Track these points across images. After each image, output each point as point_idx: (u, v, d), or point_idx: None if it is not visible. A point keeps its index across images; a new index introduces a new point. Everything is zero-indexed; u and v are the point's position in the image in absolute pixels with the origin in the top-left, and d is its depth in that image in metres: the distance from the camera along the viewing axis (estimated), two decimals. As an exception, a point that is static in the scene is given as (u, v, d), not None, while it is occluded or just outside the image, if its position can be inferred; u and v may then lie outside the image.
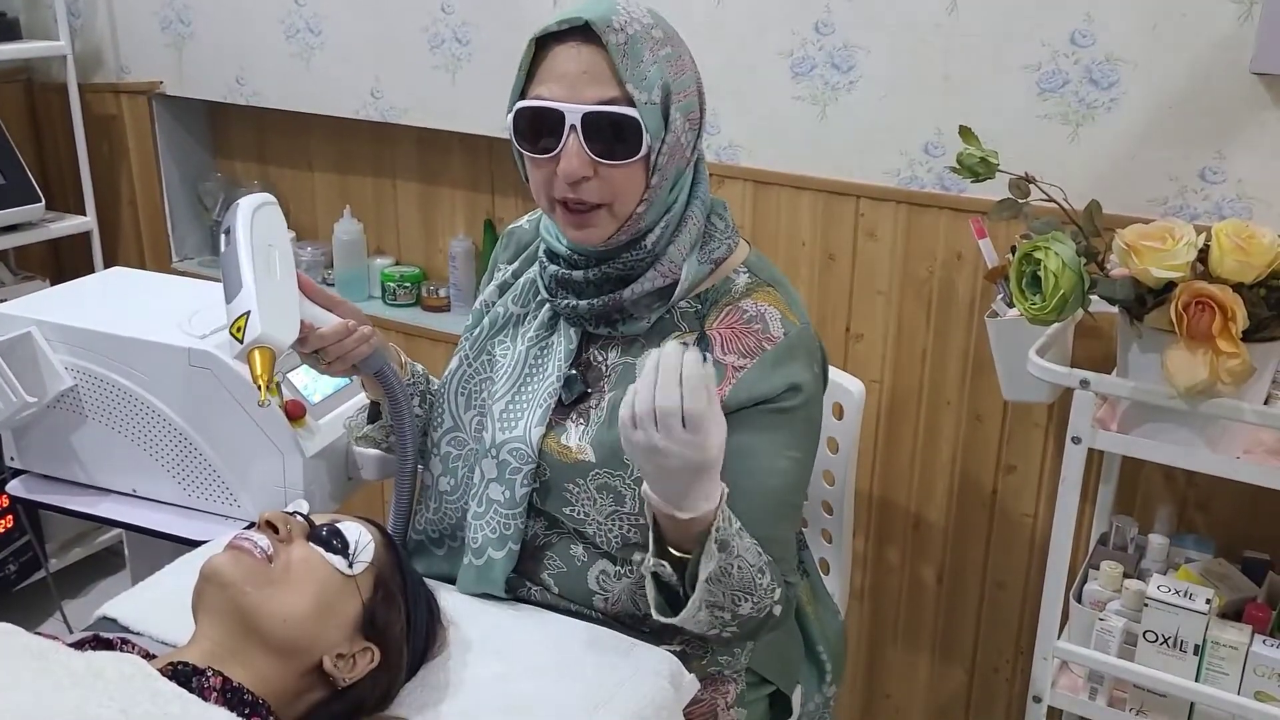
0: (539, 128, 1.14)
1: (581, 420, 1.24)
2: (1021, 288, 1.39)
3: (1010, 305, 1.60)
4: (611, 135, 1.12)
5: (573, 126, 1.11)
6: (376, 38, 2.25)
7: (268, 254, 1.22)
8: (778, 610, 1.19)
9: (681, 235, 1.21)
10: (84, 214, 2.57)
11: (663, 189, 1.18)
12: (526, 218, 1.41)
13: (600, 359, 1.26)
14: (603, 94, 1.11)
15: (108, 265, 2.54)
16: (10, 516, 2.39)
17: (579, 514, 1.23)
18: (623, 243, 1.19)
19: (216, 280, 1.32)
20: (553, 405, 1.24)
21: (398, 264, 2.48)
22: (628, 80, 1.11)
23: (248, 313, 1.16)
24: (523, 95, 1.15)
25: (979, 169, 1.45)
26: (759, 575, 1.14)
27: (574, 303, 1.23)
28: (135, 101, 2.62)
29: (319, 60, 2.33)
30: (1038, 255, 1.35)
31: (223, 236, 1.24)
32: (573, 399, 1.25)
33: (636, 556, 1.20)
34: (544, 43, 1.13)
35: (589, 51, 1.11)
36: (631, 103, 1.11)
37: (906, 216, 1.84)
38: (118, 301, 1.69)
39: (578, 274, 1.22)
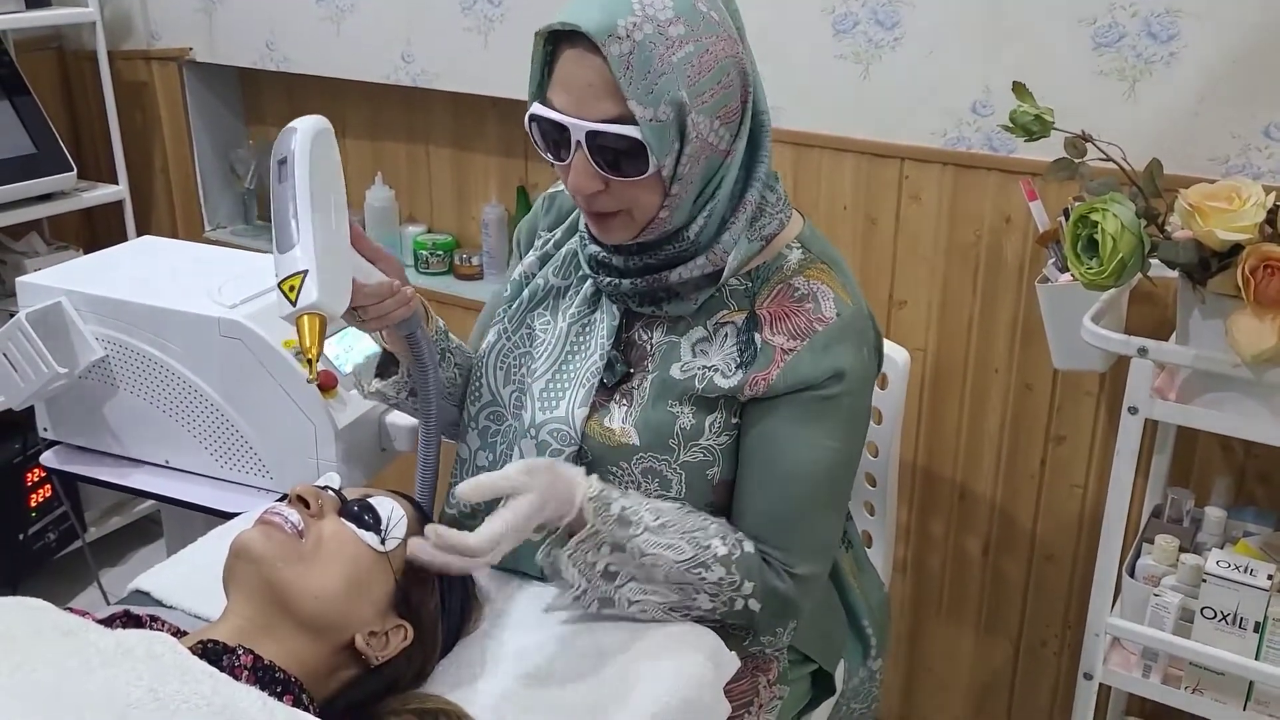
0: (548, 136, 1.09)
1: (625, 401, 1.19)
2: (1077, 251, 1.33)
3: (1063, 270, 1.54)
4: (616, 154, 1.05)
5: (578, 142, 1.05)
6: (407, 0, 2.20)
7: (326, 198, 1.08)
8: (754, 605, 1.15)
9: (736, 223, 1.14)
10: (116, 183, 2.55)
11: (687, 194, 1.11)
12: None
13: (644, 337, 1.21)
14: (606, 111, 1.03)
15: (140, 234, 2.53)
16: (49, 486, 2.39)
17: None
18: (654, 238, 1.14)
19: (249, 249, 1.25)
20: (595, 386, 1.19)
21: (430, 231, 2.44)
22: (630, 97, 1.01)
23: (304, 272, 1.04)
24: (540, 90, 1.09)
25: (1033, 127, 1.39)
26: (702, 570, 1.12)
27: (616, 281, 1.18)
28: (166, 68, 2.59)
29: (349, 24, 2.29)
30: (1095, 217, 1.29)
31: (275, 167, 1.08)
32: (616, 380, 1.20)
33: None
34: (555, 37, 1.06)
35: (593, 62, 1.02)
36: (635, 120, 1.02)
37: (952, 179, 1.78)
38: (148, 271, 1.67)
39: (618, 259, 1.17)
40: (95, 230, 2.81)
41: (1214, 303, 1.28)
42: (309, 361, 1.04)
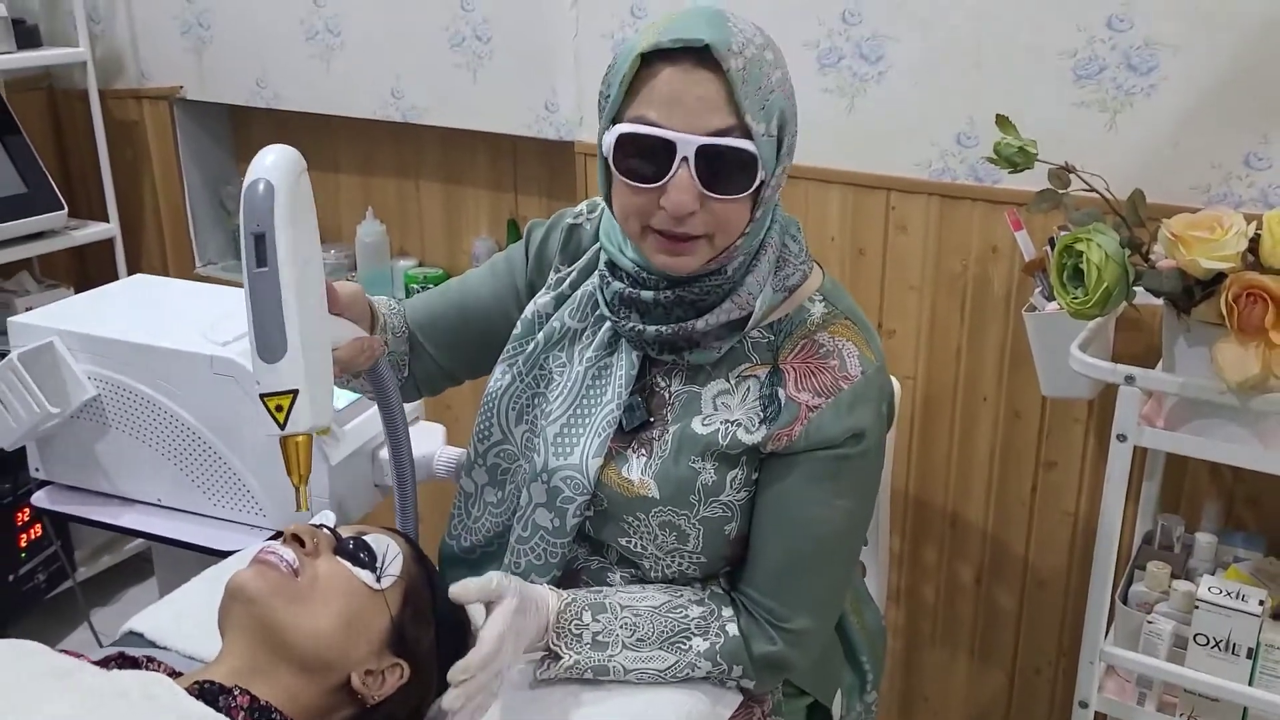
0: (644, 155, 1.04)
1: (644, 451, 1.17)
2: (1063, 281, 1.34)
3: (1049, 299, 1.56)
4: (725, 169, 1.03)
5: (685, 159, 1.02)
6: (396, 37, 2.22)
7: (309, 276, 0.99)
8: (748, 682, 1.18)
9: (760, 264, 1.13)
10: (107, 220, 2.56)
11: (764, 221, 1.11)
12: (587, 213, 1.29)
13: (663, 385, 1.19)
14: (719, 124, 1.02)
15: (131, 272, 2.53)
16: (39, 525, 2.38)
17: (636, 547, 1.18)
18: (709, 270, 1.12)
19: (240, 285, 1.19)
20: (611, 434, 1.17)
21: (421, 265, 2.45)
22: (747, 111, 1.01)
23: (295, 392, 0.96)
24: (617, 115, 1.05)
25: (1017, 159, 1.41)
26: (689, 671, 1.15)
27: (639, 326, 1.15)
28: (156, 106, 2.61)
29: (339, 61, 2.31)
30: (1079, 247, 1.31)
31: (250, 242, 0.96)
32: (634, 426, 1.18)
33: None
34: (650, 59, 1.04)
35: (705, 76, 1.01)
36: (749, 134, 1.02)
37: (939, 209, 1.80)
38: (139, 309, 1.68)
39: (646, 294, 1.13)
40: (86, 268, 2.81)
41: (1199, 330, 1.30)
42: (300, 484, 1.01)
